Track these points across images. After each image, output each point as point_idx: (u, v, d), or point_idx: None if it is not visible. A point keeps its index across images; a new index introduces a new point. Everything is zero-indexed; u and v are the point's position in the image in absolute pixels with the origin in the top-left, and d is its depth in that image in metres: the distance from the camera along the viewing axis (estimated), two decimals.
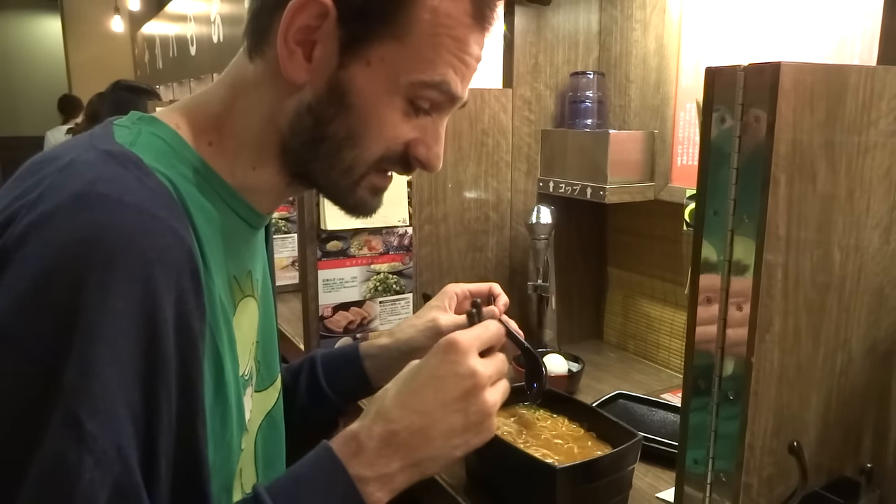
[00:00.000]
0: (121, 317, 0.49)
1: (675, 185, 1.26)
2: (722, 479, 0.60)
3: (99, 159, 0.55)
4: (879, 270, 0.66)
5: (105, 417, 0.49)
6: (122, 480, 0.50)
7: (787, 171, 0.55)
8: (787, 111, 0.53)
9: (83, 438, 0.48)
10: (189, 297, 0.54)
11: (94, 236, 0.49)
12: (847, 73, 0.59)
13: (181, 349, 0.53)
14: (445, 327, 0.90)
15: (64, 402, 0.47)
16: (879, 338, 0.68)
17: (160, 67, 5.61)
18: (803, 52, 1.04)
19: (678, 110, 1.25)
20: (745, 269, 0.56)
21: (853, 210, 0.62)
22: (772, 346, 0.58)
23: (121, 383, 0.50)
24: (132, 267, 0.50)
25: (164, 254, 0.52)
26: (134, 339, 0.50)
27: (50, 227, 0.50)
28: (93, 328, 0.48)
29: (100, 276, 0.49)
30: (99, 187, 0.52)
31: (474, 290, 0.95)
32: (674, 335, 1.34)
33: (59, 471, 0.47)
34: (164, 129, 0.62)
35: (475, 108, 1.29)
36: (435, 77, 0.62)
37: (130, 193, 0.53)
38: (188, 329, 0.54)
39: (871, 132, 0.61)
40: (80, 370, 0.48)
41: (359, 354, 0.93)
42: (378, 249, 1.22)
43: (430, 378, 0.65)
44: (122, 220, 0.51)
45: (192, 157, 0.62)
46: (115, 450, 0.49)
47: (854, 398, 0.67)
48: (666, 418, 1.07)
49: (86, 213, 0.50)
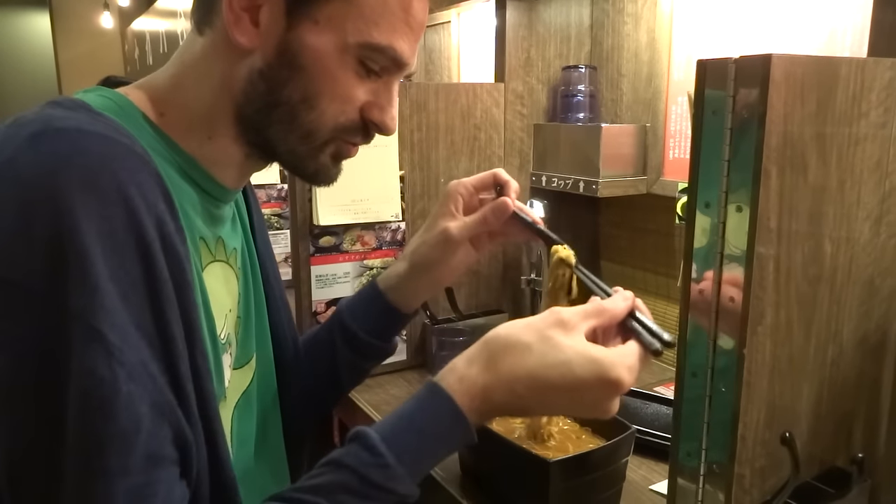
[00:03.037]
0: (108, 238, 0.48)
1: (667, 178, 1.26)
2: (715, 471, 0.60)
3: (45, 108, 0.55)
4: (870, 262, 0.66)
5: (123, 332, 0.48)
6: (157, 397, 0.49)
7: (778, 163, 0.55)
8: (778, 103, 0.53)
9: (110, 351, 0.47)
10: (167, 219, 0.53)
11: (61, 165, 0.49)
12: (838, 65, 0.59)
13: (172, 272, 0.52)
14: (457, 234, 0.84)
15: (81, 321, 0.47)
16: (870, 329, 0.68)
17: (150, 63, 5.58)
18: (794, 45, 1.04)
19: (670, 104, 1.25)
20: (737, 261, 0.56)
21: (844, 202, 0.62)
22: (764, 337, 0.58)
23: (126, 301, 0.49)
24: (108, 189, 0.49)
25: (136, 175, 0.51)
26: (129, 259, 0.49)
27: (13, 170, 0.49)
28: (86, 250, 0.47)
29: (77, 201, 0.48)
30: (53, 123, 0.51)
31: (477, 183, 0.87)
32: (666, 328, 1.34)
33: (95, 389, 0.47)
34: (114, 94, 0.62)
35: (467, 103, 1.29)
36: (381, 41, 0.62)
37: (87, 125, 0.52)
38: (174, 251, 0.53)
39: (862, 124, 0.61)
40: (85, 290, 0.47)
41: (380, 291, 0.89)
42: (371, 245, 1.22)
43: (573, 391, 0.60)
44: (86, 145, 0.50)
45: (144, 122, 0.62)
46: (141, 365, 0.49)
47: (845, 389, 0.67)
48: (659, 411, 1.07)
49: (48, 147, 0.49)
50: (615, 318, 0.64)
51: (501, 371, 0.60)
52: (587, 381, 0.59)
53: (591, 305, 0.64)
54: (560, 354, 0.60)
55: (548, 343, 0.60)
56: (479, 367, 0.61)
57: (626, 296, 0.66)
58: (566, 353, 0.59)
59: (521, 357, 0.60)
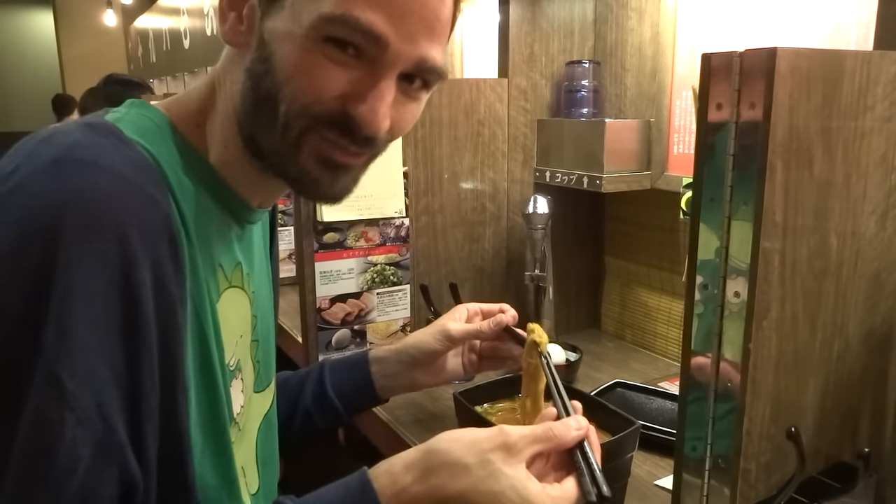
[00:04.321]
0: (96, 277, 0.49)
1: (671, 173, 1.26)
2: (720, 466, 0.60)
3: (78, 129, 0.56)
4: (876, 256, 0.66)
5: (85, 377, 0.49)
6: (104, 439, 0.50)
7: (783, 157, 0.55)
8: (783, 97, 0.53)
9: (63, 397, 0.48)
10: (166, 262, 0.54)
11: (68, 199, 0.49)
12: (843, 58, 0.59)
13: (160, 314, 0.53)
14: (455, 332, 0.90)
15: (44, 361, 0.48)
16: (876, 323, 0.68)
17: (154, 61, 5.59)
18: (799, 38, 1.04)
19: (674, 98, 1.25)
20: (742, 256, 0.56)
21: (850, 196, 0.62)
22: (769, 332, 0.58)
23: (100, 344, 0.50)
24: (106, 228, 0.50)
25: (139, 216, 0.52)
26: (111, 299, 0.50)
27: (24, 193, 0.50)
28: (69, 288, 0.48)
29: (74, 237, 0.49)
30: (74, 153, 0.52)
31: (485, 309, 0.94)
32: (671, 324, 1.34)
33: (42, 429, 0.48)
34: (153, 111, 0.63)
35: (471, 99, 1.29)
36: (335, 9, 0.55)
37: (105, 158, 0.53)
38: (167, 294, 0.54)
39: (868, 117, 0.61)
40: (57, 330, 0.48)
41: (367, 359, 0.93)
42: (375, 241, 1.22)
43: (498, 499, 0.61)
44: (95, 182, 0.51)
45: (178, 139, 0.62)
46: (96, 408, 0.49)
47: (851, 384, 0.67)
48: (664, 406, 1.07)
49: (59, 178, 0.50)
50: (562, 447, 0.64)
51: (434, 486, 0.61)
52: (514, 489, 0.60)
53: (540, 429, 0.64)
54: (495, 485, 0.60)
55: (486, 468, 0.61)
56: (413, 476, 0.62)
57: (580, 424, 0.66)
58: (501, 484, 0.60)
59: (457, 477, 0.61)
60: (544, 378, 0.79)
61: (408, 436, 1.01)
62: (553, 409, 0.69)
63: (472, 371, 0.96)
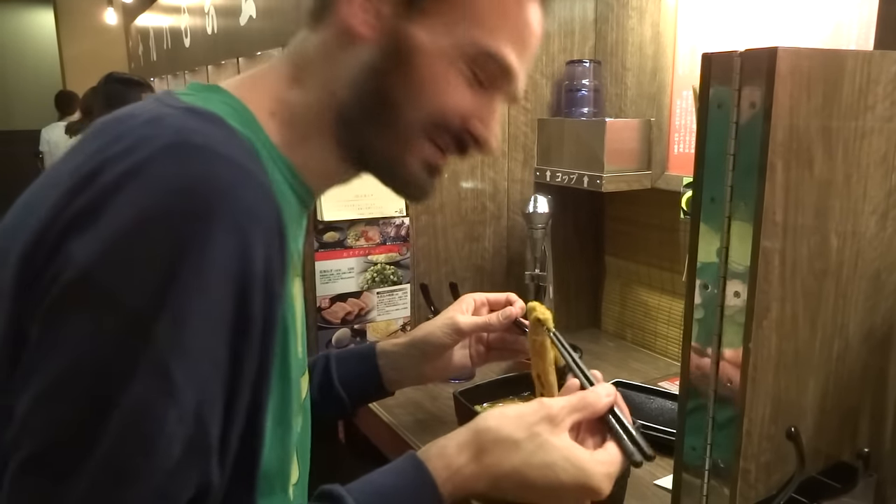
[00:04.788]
0: (216, 269, 0.48)
1: (671, 173, 1.26)
2: (720, 466, 0.60)
3: (183, 114, 0.54)
4: (876, 256, 0.66)
5: (192, 371, 0.48)
6: (195, 440, 0.49)
7: (783, 156, 0.54)
8: (783, 96, 0.53)
9: (170, 391, 0.47)
10: (275, 257, 0.52)
11: (191, 185, 0.48)
12: (844, 58, 0.58)
13: (263, 311, 0.52)
14: (464, 325, 0.89)
15: (154, 351, 0.46)
16: (876, 323, 0.68)
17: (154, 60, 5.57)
18: (799, 38, 1.04)
19: (675, 98, 1.24)
20: (743, 255, 0.56)
21: (850, 195, 0.62)
22: (769, 332, 0.58)
23: (210, 338, 0.48)
24: (229, 219, 0.48)
25: (256, 208, 0.51)
26: (225, 294, 0.49)
27: (144, 177, 0.48)
28: (189, 278, 0.47)
29: (197, 226, 0.47)
30: (192, 138, 0.50)
31: (492, 299, 0.94)
32: (671, 323, 1.34)
33: (143, 422, 0.46)
34: (230, 97, 0.61)
35: None
36: (493, 47, 0.61)
37: (222, 146, 0.51)
38: (271, 290, 0.52)
39: (868, 117, 0.61)
40: (173, 320, 0.46)
41: (374, 352, 0.92)
42: (375, 240, 1.22)
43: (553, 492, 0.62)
44: (217, 170, 0.49)
45: (256, 127, 0.61)
46: (195, 406, 0.48)
47: (851, 384, 0.67)
48: (664, 406, 1.07)
49: (180, 163, 0.49)
50: (596, 414, 0.65)
51: (488, 464, 0.62)
52: (568, 486, 0.61)
53: (576, 399, 0.65)
54: (546, 456, 0.61)
55: (535, 441, 0.62)
56: (467, 456, 0.62)
57: (609, 391, 0.67)
58: (552, 455, 0.61)
59: (509, 453, 0.62)
60: (551, 353, 0.80)
61: (408, 435, 1.01)
62: (576, 381, 0.70)
63: (479, 363, 0.95)
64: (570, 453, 0.61)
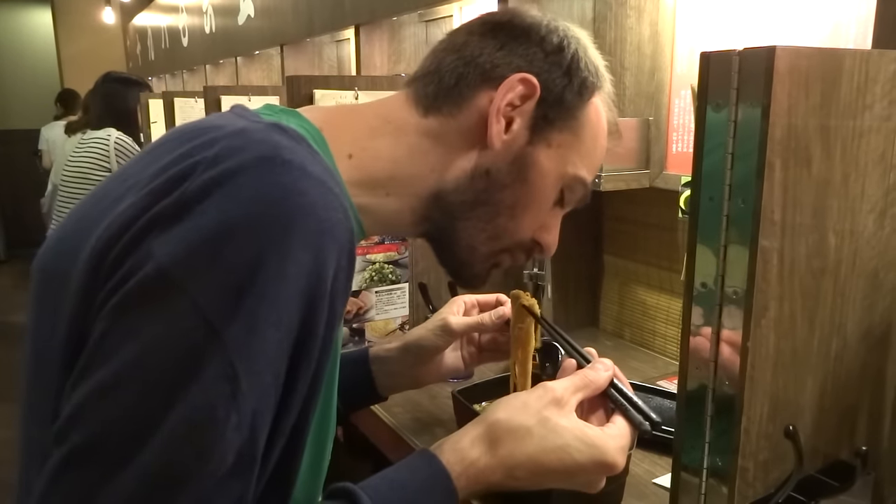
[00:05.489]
0: (291, 282, 0.49)
1: (670, 172, 1.26)
2: (718, 464, 0.60)
3: (269, 130, 0.55)
4: (874, 255, 0.66)
5: (256, 379, 0.48)
6: (245, 450, 0.48)
7: (782, 155, 0.55)
8: (782, 95, 0.53)
9: (235, 396, 0.47)
10: (342, 277, 0.54)
11: (277, 198, 0.49)
12: (842, 56, 0.59)
13: (325, 329, 0.53)
14: (455, 325, 0.90)
15: (224, 355, 0.46)
16: (874, 322, 0.68)
17: (152, 59, 5.57)
18: (798, 37, 1.04)
19: (673, 97, 1.25)
20: (741, 254, 0.56)
21: (848, 194, 0.62)
22: (767, 331, 0.58)
23: (275, 349, 0.49)
24: (308, 235, 0.50)
25: (335, 228, 0.52)
26: (294, 307, 0.50)
27: (233, 185, 0.49)
28: (264, 287, 0.48)
29: (279, 238, 0.48)
30: (281, 153, 0.52)
31: (482, 300, 0.94)
32: (670, 322, 1.35)
33: (205, 425, 0.46)
34: (310, 125, 0.63)
35: None
36: (587, 176, 0.70)
37: (311, 165, 0.53)
38: (333, 310, 0.53)
39: (866, 116, 0.61)
40: (246, 326, 0.47)
41: (367, 357, 0.92)
42: (373, 239, 1.22)
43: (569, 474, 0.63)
44: (303, 186, 0.51)
45: (330, 158, 0.62)
46: (251, 416, 0.48)
47: (849, 382, 0.67)
48: (662, 405, 1.07)
49: (271, 175, 0.50)
50: (598, 390, 0.67)
51: (503, 455, 0.62)
52: (584, 465, 0.62)
53: (578, 378, 0.66)
54: (558, 439, 0.62)
55: (546, 426, 0.63)
56: (480, 449, 0.63)
57: (607, 365, 0.69)
58: (564, 437, 0.62)
59: (522, 442, 0.62)
60: (533, 343, 0.81)
61: (407, 434, 1.01)
62: (572, 361, 0.71)
63: (472, 364, 0.95)
64: (582, 433, 0.62)
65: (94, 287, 0.49)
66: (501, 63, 0.65)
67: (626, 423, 0.65)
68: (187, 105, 2.42)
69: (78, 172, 2.78)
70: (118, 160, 2.78)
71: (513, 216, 0.68)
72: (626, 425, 0.65)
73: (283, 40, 2.74)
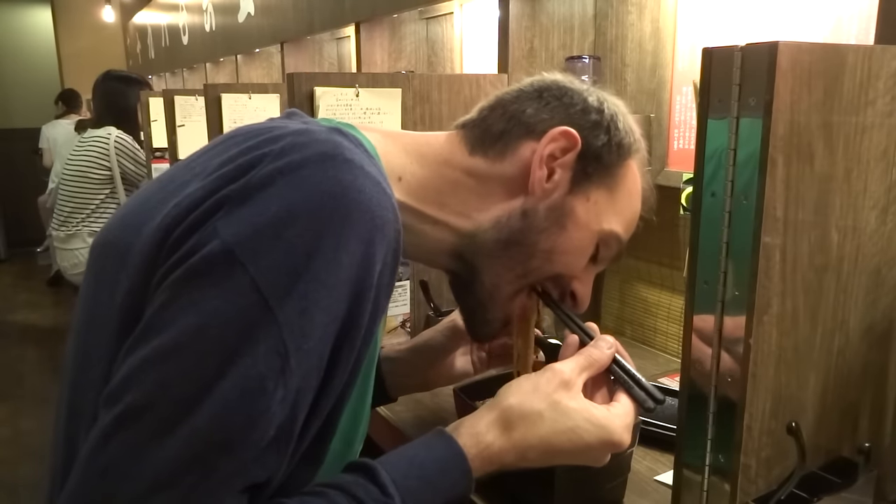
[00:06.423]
0: (343, 271, 0.52)
1: (671, 169, 1.26)
2: (720, 461, 0.60)
3: (330, 132, 0.59)
4: (877, 251, 0.66)
5: (303, 358, 0.51)
6: (284, 425, 0.51)
7: (784, 151, 0.54)
8: (784, 92, 0.53)
9: (284, 371, 0.50)
10: (387, 273, 0.57)
11: (338, 191, 0.53)
12: (845, 52, 0.58)
13: (368, 320, 0.56)
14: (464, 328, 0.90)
15: (278, 331, 0.50)
16: (877, 318, 0.68)
17: (152, 57, 5.57)
18: (800, 33, 1.04)
19: (674, 94, 1.24)
20: (743, 251, 0.56)
21: (850, 191, 0.62)
22: (770, 327, 0.58)
23: (323, 333, 0.52)
24: (362, 229, 0.54)
25: (386, 226, 0.56)
26: (344, 295, 0.53)
27: (298, 175, 0.53)
28: (319, 273, 0.51)
29: (336, 229, 0.52)
30: (344, 152, 0.56)
31: None
32: (671, 320, 1.34)
33: (254, 396, 0.49)
34: (368, 143, 0.65)
35: (470, 95, 1.28)
36: (622, 233, 0.72)
37: (368, 165, 0.57)
38: (377, 302, 0.57)
39: (869, 112, 0.61)
40: (300, 306, 0.51)
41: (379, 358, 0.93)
42: None
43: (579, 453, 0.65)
44: (362, 184, 0.55)
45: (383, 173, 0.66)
46: (295, 393, 0.51)
47: (851, 379, 0.67)
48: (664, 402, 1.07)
49: (333, 170, 0.54)
50: (602, 368, 0.68)
51: (517, 439, 0.64)
52: (592, 445, 0.64)
53: (583, 358, 0.68)
54: (568, 421, 0.64)
55: (557, 409, 0.64)
56: (495, 433, 0.64)
57: (609, 342, 0.70)
58: (574, 419, 0.64)
59: (535, 426, 0.64)
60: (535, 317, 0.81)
61: (409, 431, 1.01)
62: (575, 337, 0.72)
63: (481, 369, 0.95)
64: (590, 414, 0.64)
65: (156, 260, 0.53)
66: (545, 118, 0.69)
67: (630, 402, 0.66)
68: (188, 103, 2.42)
69: (78, 171, 2.78)
70: (118, 159, 2.78)
71: (549, 259, 0.70)
72: (630, 403, 0.66)
73: (283, 38, 2.74)
